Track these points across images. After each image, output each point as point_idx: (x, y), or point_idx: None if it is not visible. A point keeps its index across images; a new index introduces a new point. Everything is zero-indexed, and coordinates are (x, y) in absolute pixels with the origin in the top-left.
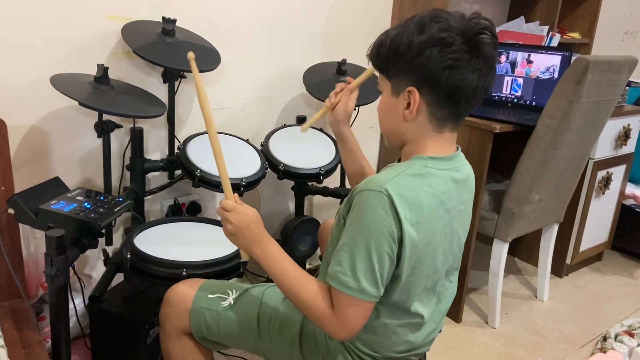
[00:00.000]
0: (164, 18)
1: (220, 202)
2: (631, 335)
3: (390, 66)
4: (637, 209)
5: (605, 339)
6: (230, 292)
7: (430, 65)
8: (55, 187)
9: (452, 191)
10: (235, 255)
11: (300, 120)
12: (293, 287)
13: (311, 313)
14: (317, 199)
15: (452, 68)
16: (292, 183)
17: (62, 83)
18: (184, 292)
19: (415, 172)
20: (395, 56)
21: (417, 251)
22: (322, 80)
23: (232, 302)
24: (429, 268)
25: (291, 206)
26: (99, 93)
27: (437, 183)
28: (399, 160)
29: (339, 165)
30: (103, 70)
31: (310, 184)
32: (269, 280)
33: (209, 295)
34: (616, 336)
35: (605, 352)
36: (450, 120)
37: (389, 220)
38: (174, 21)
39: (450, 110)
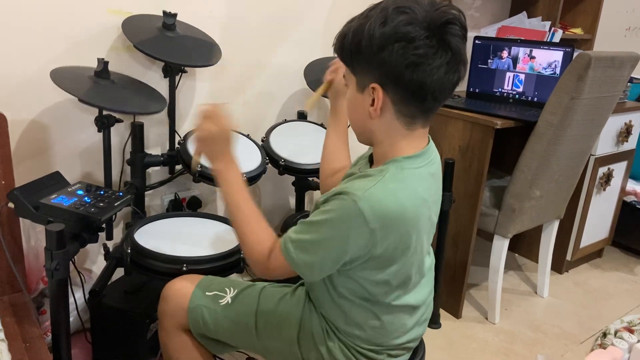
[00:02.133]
0: (164, 12)
1: (211, 106)
2: (631, 331)
3: (353, 60)
4: (637, 206)
5: (605, 335)
6: (228, 290)
7: (392, 62)
8: (56, 181)
9: (431, 187)
10: (236, 250)
11: (301, 115)
12: (242, 222)
13: (247, 251)
14: (318, 194)
15: (416, 65)
16: (292, 178)
17: (62, 78)
18: (182, 288)
19: (394, 179)
20: (357, 50)
21: (392, 260)
22: (323, 75)
23: (229, 301)
24: (417, 266)
25: (292, 201)
26: (99, 88)
27: (418, 183)
28: (371, 159)
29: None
30: (103, 64)
31: (311, 179)
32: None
33: (207, 293)
34: (616, 332)
35: (605, 348)
36: (420, 117)
37: (359, 239)
38: (175, 15)
39: (417, 108)
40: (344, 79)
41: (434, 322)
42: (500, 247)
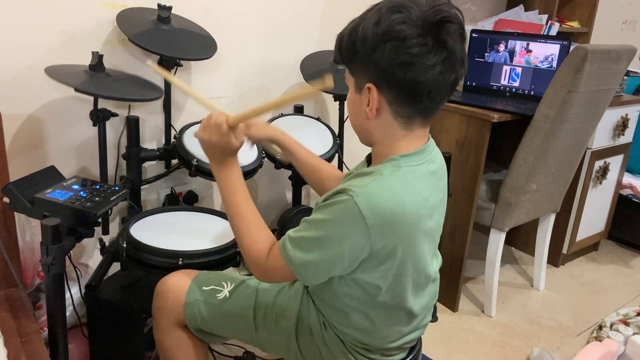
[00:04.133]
0: (159, 5)
1: (216, 114)
2: (626, 324)
3: (350, 61)
4: (634, 199)
5: (600, 327)
6: (225, 284)
7: (385, 61)
8: (51, 175)
9: (432, 185)
10: (233, 244)
11: (298, 109)
12: (240, 223)
13: (244, 252)
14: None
15: (408, 64)
16: (289, 172)
17: (57, 73)
18: (177, 284)
19: (392, 176)
20: (353, 51)
21: (394, 260)
22: (319, 69)
23: (227, 295)
24: (415, 268)
25: (288, 196)
26: (94, 80)
27: (417, 181)
28: (368, 159)
29: (337, 155)
30: (98, 57)
31: None
32: None
33: (204, 288)
34: (612, 325)
35: (600, 341)
36: (418, 117)
37: (357, 237)
38: (170, 8)
39: (413, 108)
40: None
41: (431, 316)
42: (496, 241)
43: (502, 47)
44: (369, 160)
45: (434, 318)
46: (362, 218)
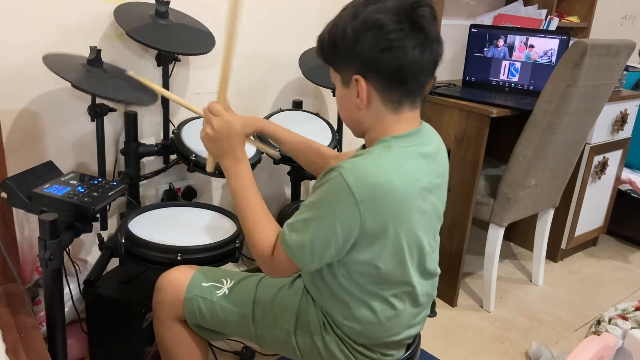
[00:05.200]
0: (157, 0)
1: (209, 103)
2: (625, 318)
3: (334, 59)
4: (632, 194)
5: (599, 322)
6: (224, 281)
7: (367, 50)
8: (49, 170)
9: (423, 167)
10: (231, 239)
11: (296, 105)
12: (249, 219)
13: (253, 248)
14: (314, 183)
15: (390, 49)
16: (288, 168)
17: (55, 64)
18: (177, 279)
19: (381, 154)
20: (335, 48)
21: (386, 238)
22: (318, 64)
23: (227, 291)
24: (413, 246)
25: (287, 191)
26: (92, 76)
27: (406, 161)
28: (363, 147)
29: (336, 150)
30: (96, 52)
31: None
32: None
33: (203, 284)
34: (610, 320)
35: (599, 335)
36: (406, 100)
37: (347, 213)
38: (168, 3)
39: (401, 91)
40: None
41: (430, 311)
42: (495, 236)
43: (501, 42)
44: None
45: (433, 313)
46: (351, 194)
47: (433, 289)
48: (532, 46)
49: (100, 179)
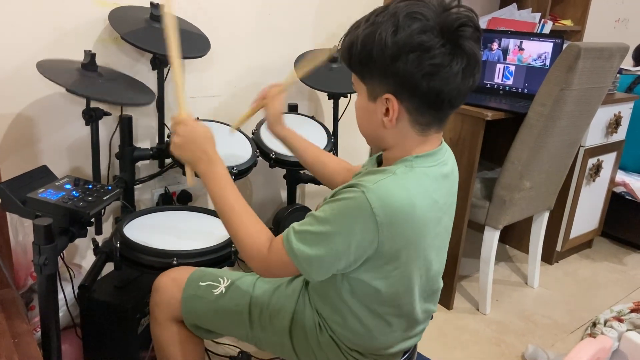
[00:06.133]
0: (152, 3)
1: (171, 116)
2: (620, 320)
3: (364, 70)
4: (627, 197)
5: (594, 324)
6: (221, 280)
7: (407, 72)
8: (43, 175)
9: (443, 189)
10: (227, 243)
11: (292, 108)
12: (234, 221)
13: (244, 250)
14: (309, 187)
15: (432, 74)
16: (283, 171)
17: (49, 69)
18: (175, 279)
19: (406, 176)
20: (368, 60)
21: (398, 263)
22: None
23: (223, 291)
24: (421, 272)
25: (283, 195)
26: (87, 80)
27: (430, 184)
28: (379, 159)
29: (331, 153)
30: (90, 56)
31: (302, 172)
32: None
33: (200, 284)
34: (605, 322)
35: (594, 338)
36: (435, 124)
37: (365, 234)
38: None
39: (433, 116)
40: (275, 108)
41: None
42: (491, 239)
43: (495, 46)
44: (379, 161)
45: None
46: (372, 215)
47: (434, 304)
48: (526, 49)
49: (94, 184)
